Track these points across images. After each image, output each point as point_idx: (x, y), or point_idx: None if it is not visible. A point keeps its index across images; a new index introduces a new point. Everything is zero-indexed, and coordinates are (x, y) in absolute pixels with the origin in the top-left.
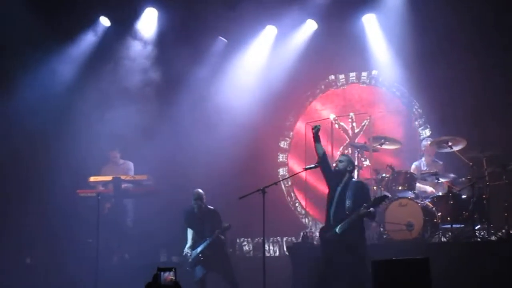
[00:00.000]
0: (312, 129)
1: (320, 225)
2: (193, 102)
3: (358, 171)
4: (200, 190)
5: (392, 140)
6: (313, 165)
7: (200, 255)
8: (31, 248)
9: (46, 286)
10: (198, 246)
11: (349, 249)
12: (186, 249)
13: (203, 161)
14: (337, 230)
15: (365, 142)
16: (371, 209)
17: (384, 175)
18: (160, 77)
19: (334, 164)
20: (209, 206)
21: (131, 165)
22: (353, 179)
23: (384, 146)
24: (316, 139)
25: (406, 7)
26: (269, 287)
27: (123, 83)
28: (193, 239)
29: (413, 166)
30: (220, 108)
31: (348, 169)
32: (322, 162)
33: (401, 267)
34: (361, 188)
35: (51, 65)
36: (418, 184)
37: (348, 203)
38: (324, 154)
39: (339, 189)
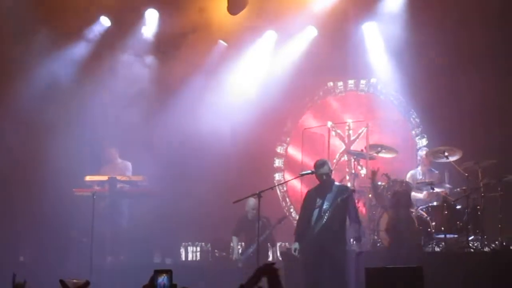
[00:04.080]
0: None
1: None
2: (191, 105)
3: (354, 178)
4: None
5: (388, 149)
6: (309, 171)
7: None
8: (25, 246)
9: (39, 284)
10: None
11: (330, 260)
12: (236, 255)
13: (199, 165)
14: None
15: (362, 150)
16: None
17: (380, 183)
18: (159, 79)
19: (318, 176)
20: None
21: (129, 165)
22: (336, 183)
23: (380, 154)
24: None
25: (407, 16)
26: None
27: (122, 84)
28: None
29: (408, 175)
30: (218, 112)
31: (329, 174)
32: None
33: (395, 275)
34: (342, 192)
35: (51, 64)
36: (412, 193)
37: (326, 205)
38: None
39: (320, 195)
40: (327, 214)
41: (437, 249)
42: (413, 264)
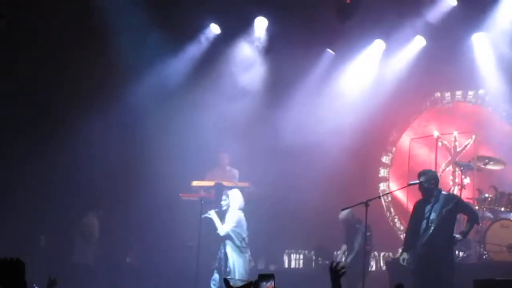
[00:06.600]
0: None
1: None
2: (297, 112)
3: (460, 189)
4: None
5: (496, 161)
6: (417, 181)
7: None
8: (132, 248)
9: (144, 286)
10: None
11: (436, 272)
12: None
13: (304, 172)
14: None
15: (469, 161)
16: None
17: (487, 195)
18: (267, 85)
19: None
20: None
21: (236, 173)
22: (443, 192)
23: (488, 166)
24: None
25: None
26: None
27: (230, 90)
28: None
29: None
30: (324, 119)
31: (432, 183)
32: None
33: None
34: (448, 201)
35: (161, 70)
36: None
37: (433, 215)
38: None
39: (428, 206)
40: (433, 225)
41: None
42: None
